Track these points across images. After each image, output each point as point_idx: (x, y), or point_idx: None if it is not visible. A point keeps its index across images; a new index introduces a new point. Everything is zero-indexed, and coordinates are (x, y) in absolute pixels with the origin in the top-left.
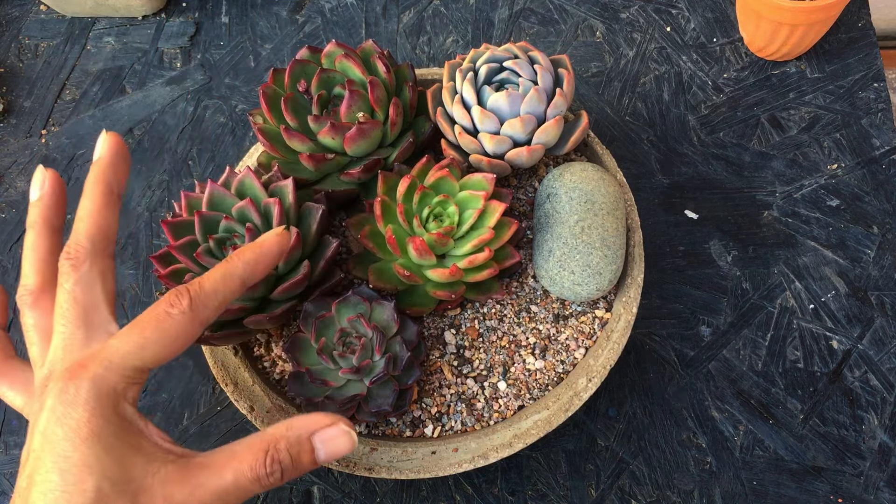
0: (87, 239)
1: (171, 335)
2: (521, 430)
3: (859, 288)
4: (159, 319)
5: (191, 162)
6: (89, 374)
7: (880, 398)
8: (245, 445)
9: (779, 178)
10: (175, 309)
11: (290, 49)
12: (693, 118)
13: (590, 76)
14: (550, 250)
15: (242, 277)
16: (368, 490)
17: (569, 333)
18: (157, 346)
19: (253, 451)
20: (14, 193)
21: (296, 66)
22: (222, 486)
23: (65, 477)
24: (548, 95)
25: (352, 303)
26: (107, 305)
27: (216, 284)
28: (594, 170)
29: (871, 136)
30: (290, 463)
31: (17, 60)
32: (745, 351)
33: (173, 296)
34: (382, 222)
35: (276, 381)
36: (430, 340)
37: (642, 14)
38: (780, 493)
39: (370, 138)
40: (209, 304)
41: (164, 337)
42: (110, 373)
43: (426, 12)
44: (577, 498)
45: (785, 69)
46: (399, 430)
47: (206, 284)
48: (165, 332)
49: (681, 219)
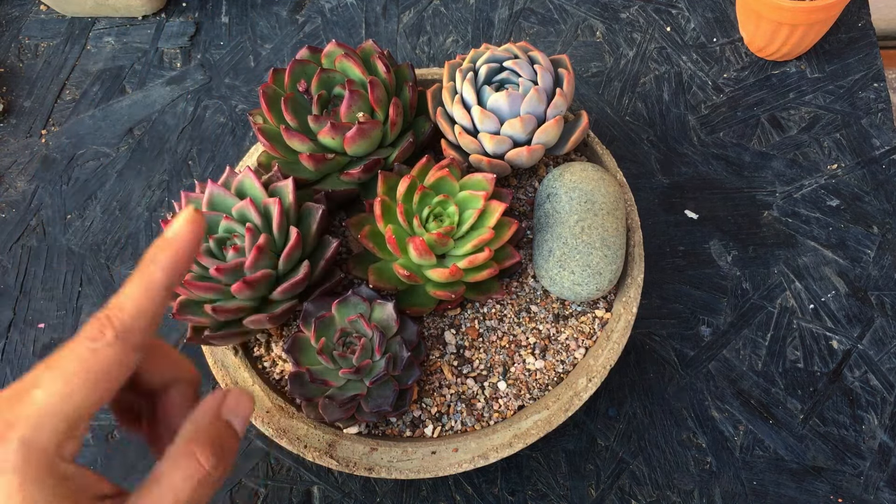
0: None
1: (100, 374)
2: (521, 430)
3: (859, 288)
4: (82, 359)
5: (191, 162)
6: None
7: (880, 398)
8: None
9: (779, 178)
10: (99, 343)
11: (290, 49)
12: (693, 118)
13: (590, 76)
14: (550, 250)
15: (165, 284)
16: (368, 490)
17: (569, 333)
18: (86, 391)
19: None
20: (14, 193)
21: (296, 66)
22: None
23: None
24: (548, 95)
25: (352, 303)
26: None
27: (139, 302)
28: (594, 170)
29: (871, 136)
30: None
31: (17, 60)
32: (745, 351)
33: (94, 328)
34: (382, 222)
35: (276, 381)
36: (430, 340)
37: (642, 14)
38: (780, 493)
39: (370, 138)
40: (137, 326)
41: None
42: (39, 433)
43: (426, 12)
44: (577, 498)
45: (785, 69)
46: (399, 430)
47: (128, 305)
48: (93, 372)
49: (681, 219)
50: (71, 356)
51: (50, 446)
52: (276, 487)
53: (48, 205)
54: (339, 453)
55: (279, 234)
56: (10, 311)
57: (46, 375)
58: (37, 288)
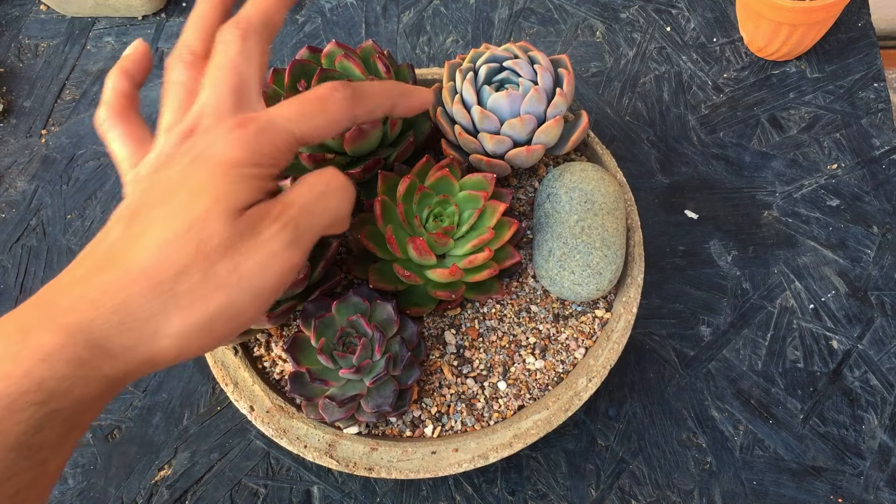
0: (257, 16)
1: (330, 114)
2: (521, 430)
3: (859, 288)
4: (322, 98)
5: None
6: (256, 124)
7: (880, 398)
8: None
9: (779, 177)
10: (339, 93)
11: (290, 49)
12: (693, 118)
13: (590, 76)
14: (550, 250)
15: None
16: (368, 490)
17: (569, 333)
18: (318, 121)
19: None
20: (14, 193)
21: (296, 66)
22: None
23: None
24: (548, 95)
25: (352, 303)
26: (259, 88)
27: (375, 91)
28: (594, 170)
29: (871, 136)
30: None
31: (17, 60)
32: (745, 351)
33: (336, 82)
34: (382, 222)
35: (276, 381)
36: (430, 340)
37: (642, 14)
38: (780, 493)
39: (370, 138)
40: (365, 102)
41: (326, 113)
42: (275, 128)
43: (426, 12)
44: (577, 498)
45: (785, 69)
46: (399, 430)
47: (367, 88)
48: (327, 110)
49: (681, 219)
50: (311, 94)
51: (279, 142)
52: (276, 487)
53: (48, 205)
54: (339, 453)
55: None
56: (10, 310)
57: (284, 102)
58: (37, 287)
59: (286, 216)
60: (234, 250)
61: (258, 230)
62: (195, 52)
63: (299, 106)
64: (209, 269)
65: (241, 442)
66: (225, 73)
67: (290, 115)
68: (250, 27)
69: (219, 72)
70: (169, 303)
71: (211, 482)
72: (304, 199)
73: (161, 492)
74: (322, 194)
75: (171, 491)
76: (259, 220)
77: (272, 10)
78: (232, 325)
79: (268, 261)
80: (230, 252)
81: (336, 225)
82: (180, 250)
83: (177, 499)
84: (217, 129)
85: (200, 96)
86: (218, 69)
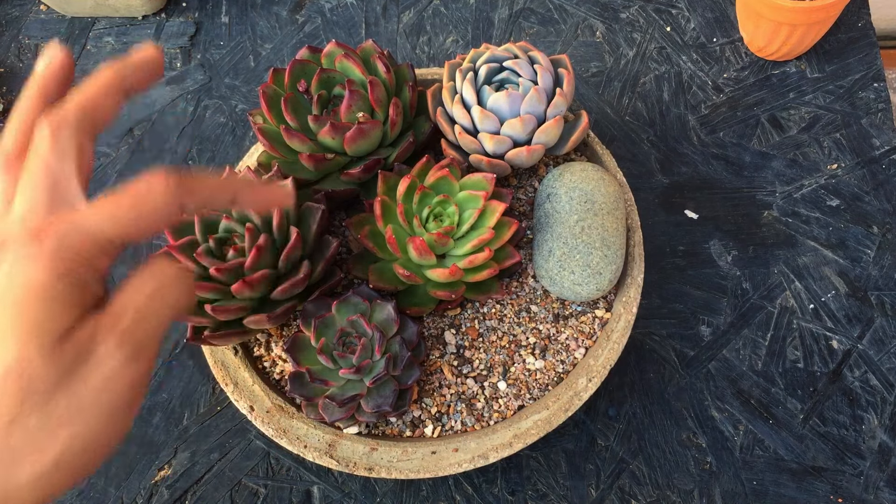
0: (73, 107)
1: (148, 211)
2: (521, 430)
3: (859, 288)
4: (138, 194)
5: (191, 162)
6: (55, 235)
7: (880, 398)
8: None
9: (779, 177)
10: (159, 187)
11: (290, 49)
12: (693, 118)
13: (590, 76)
14: (550, 250)
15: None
16: (368, 490)
17: (569, 333)
18: (133, 220)
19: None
20: None
21: (296, 66)
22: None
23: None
24: (548, 95)
25: (352, 303)
26: (79, 181)
27: (209, 183)
28: (594, 170)
29: (871, 136)
30: None
31: (17, 60)
32: (745, 351)
33: (161, 174)
34: (382, 222)
35: (276, 381)
36: (430, 340)
37: (642, 14)
38: (780, 493)
39: (370, 138)
40: (196, 194)
41: (142, 211)
42: (78, 234)
43: (426, 12)
44: (577, 498)
45: (785, 69)
46: (399, 430)
47: (198, 179)
48: (143, 206)
49: (681, 219)
50: (127, 190)
51: (83, 250)
52: (276, 487)
53: None
54: (339, 453)
55: (279, 234)
56: None
57: (98, 200)
58: None
59: (119, 328)
60: (68, 382)
61: (90, 350)
62: (8, 153)
63: (112, 206)
64: (44, 410)
65: (241, 442)
66: (36, 176)
67: (100, 216)
68: (63, 122)
69: (29, 175)
70: (10, 457)
71: (211, 482)
72: (135, 303)
73: (161, 492)
74: (155, 292)
75: (171, 491)
76: (88, 340)
77: (93, 97)
78: (91, 454)
79: (109, 382)
80: (63, 385)
81: (180, 316)
82: (3, 404)
83: (177, 499)
84: (17, 246)
85: (14, 202)
86: (28, 172)
